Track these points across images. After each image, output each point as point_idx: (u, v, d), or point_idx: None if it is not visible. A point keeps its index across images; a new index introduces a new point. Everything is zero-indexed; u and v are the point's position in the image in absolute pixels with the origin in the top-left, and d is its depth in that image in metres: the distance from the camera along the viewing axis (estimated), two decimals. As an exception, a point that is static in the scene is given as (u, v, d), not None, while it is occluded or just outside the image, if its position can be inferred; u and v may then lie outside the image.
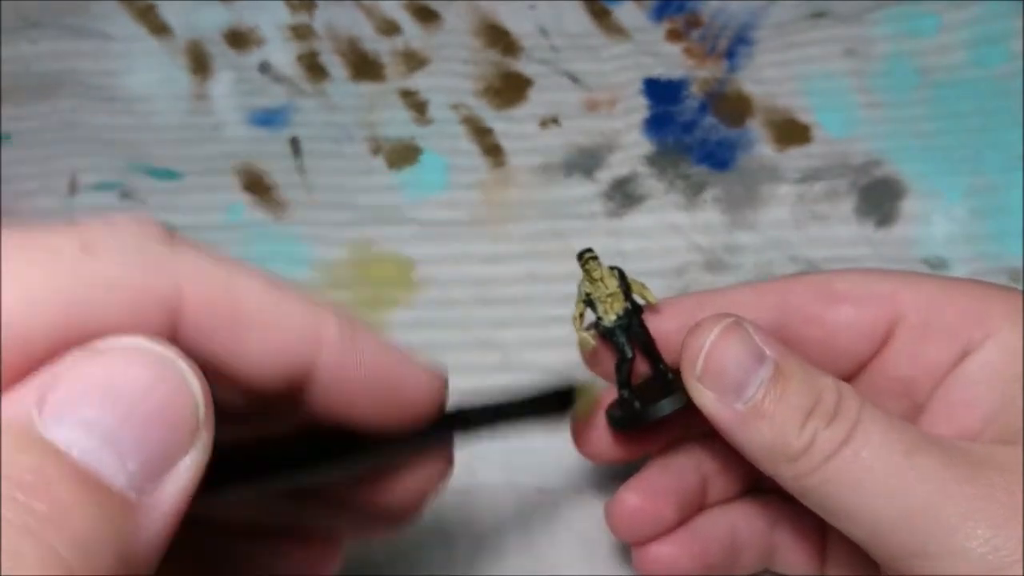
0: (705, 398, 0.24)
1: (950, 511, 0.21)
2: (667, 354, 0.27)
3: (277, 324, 0.17)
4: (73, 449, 0.14)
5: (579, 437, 0.28)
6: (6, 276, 0.14)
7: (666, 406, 0.25)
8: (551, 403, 0.25)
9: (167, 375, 0.15)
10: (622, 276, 0.27)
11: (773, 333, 0.25)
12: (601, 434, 0.28)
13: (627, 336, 0.27)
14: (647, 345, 0.27)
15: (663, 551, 0.27)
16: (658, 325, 0.27)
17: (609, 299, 0.27)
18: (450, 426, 0.23)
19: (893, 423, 0.22)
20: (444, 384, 0.21)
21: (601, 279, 0.27)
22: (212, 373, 0.16)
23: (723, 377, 0.24)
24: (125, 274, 0.15)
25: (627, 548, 0.31)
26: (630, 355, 0.27)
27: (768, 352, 0.23)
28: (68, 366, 0.14)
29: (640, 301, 0.27)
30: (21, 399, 0.14)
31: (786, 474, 0.23)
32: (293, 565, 0.23)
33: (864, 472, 0.22)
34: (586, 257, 0.27)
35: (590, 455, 0.29)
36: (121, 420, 0.14)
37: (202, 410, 0.15)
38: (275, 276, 0.18)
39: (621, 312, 0.27)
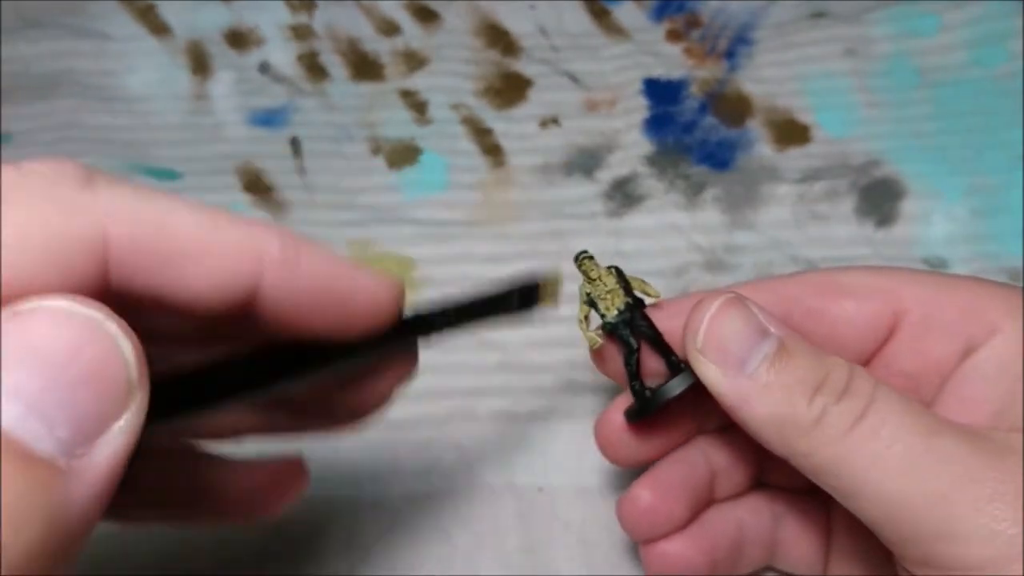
0: (708, 371, 0.24)
1: (977, 493, 0.21)
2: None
3: (213, 250, 0.17)
4: (3, 422, 0.13)
5: (603, 441, 0.28)
6: None
7: (675, 386, 0.26)
8: (515, 299, 0.25)
9: (95, 336, 0.14)
10: (620, 273, 0.28)
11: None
12: (624, 436, 0.28)
13: (631, 330, 0.27)
14: (655, 338, 0.27)
15: (673, 548, 0.27)
16: (662, 322, 0.27)
17: (609, 295, 0.27)
18: (411, 330, 0.22)
19: (912, 405, 0.22)
20: (400, 290, 0.21)
21: (599, 278, 0.28)
22: (153, 306, 0.16)
23: (725, 349, 0.24)
24: (40, 222, 0.15)
25: (627, 548, 0.31)
26: (635, 346, 0.27)
27: (772, 329, 0.24)
28: None
29: (641, 296, 0.28)
30: None
31: (799, 449, 0.23)
32: (260, 481, 0.23)
33: (884, 450, 0.22)
34: (581, 258, 0.28)
35: (615, 459, 0.29)
36: (47, 386, 0.14)
37: (135, 371, 0.15)
38: (215, 207, 0.17)
39: (622, 307, 0.27)
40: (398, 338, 0.22)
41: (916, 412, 0.22)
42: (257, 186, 0.40)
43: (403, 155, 0.41)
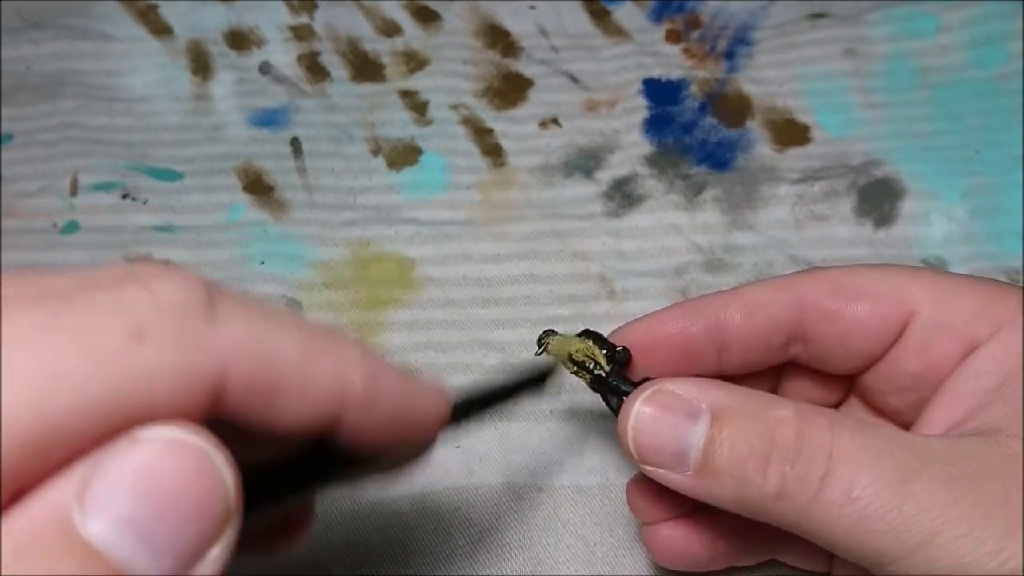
0: (655, 475, 0.24)
1: (956, 533, 0.21)
2: (672, 352, 0.27)
3: (310, 387, 0.17)
4: (112, 551, 0.14)
5: (633, 507, 0.29)
6: (55, 371, 0.14)
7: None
8: (533, 381, 0.27)
9: (203, 468, 0.15)
10: (588, 334, 0.28)
11: (718, 374, 0.25)
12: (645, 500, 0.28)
13: (612, 387, 0.27)
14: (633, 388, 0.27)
15: (675, 534, 0.27)
16: (663, 327, 0.27)
17: (575, 375, 0.28)
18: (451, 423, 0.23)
19: (878, 444, 0.22)
20: (448, 403, 0.22)
21: (565, 355, 0.28)
22: (246, 432, 0.17)
23: (660, 452, 0.23)
24: (172, 362, 0.15)
25: (627, 548, 0.31)
26: (614, 408, 0.27)
27: (702, 402, 0.23)
28: (108, 458, 0.14)
29: (595, 367, 0.27)
30: (62, 491, 0.14)
31: (772, 519, 0.23)
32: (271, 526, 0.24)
33: (861, 511, 0.21)
34: (544, 343, 0.28)
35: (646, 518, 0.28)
36: (158, 518, 0.14)
37: (233, 500, 0.15)
38: (306, 322, 0.18)
39: (589, 381, 0.27)
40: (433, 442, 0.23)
41: (886, 453, 0.22)
42: (257, 186, 0.40)
43: (403, 155, 0.41)
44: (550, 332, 0.28)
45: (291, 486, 0.20)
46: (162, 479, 0.15)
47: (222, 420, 0.16)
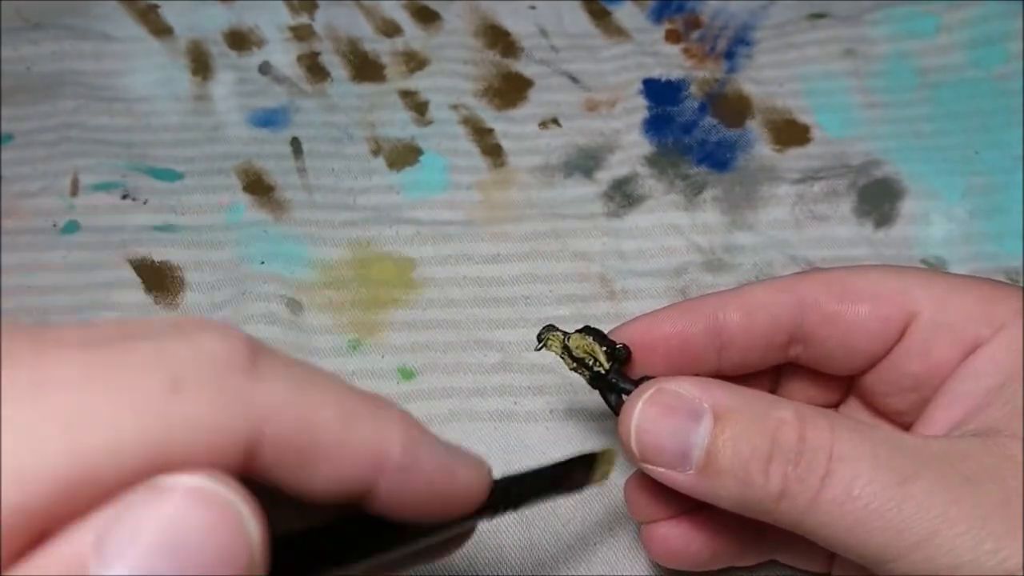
0: (656, 474, 0.24)
1: (955, 532, 0.21)
2: (671, 351, 0.27)
3: (347, 451, 0.17)
4: None
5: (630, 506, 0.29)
6: (89, 414, 0.14)
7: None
8: (576, 472, 0.25)
9: (227, 519, 0.14)
10: (589, 330, 0.28)
11: (718, 375, 0.25)
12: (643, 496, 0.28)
13: (612, 385, 0.27)
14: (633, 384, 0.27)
15: (674, 532, 0.27)
16: (663, 327, 0.27)
17: (585, 356, 0.28)
18: (491, 508, 0.22)
19: (878, 444, 0.22)
20: (489, 474, 0.21)
21: (564, 353, 0.28)
22: (280, 496, 0.16)
23: (662, 451, 0.23)
24: (209, 415, 0.15)
25: (626, 548, 0.31)
26: (614, 406, 0.27)
27: (704, 403, 0.23)
28: (128, 506, 0.14)
29: (595, 363, 0.27)
30: (80, 539, 0.14)
31: (773, 518, 0.23)
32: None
33: (859, 511, 0.21)
34: (544, 338, 0.28)
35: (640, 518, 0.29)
36: (180, 568, 0.14)
37: (258, 555, 0.15)
38: (346, 385, 0.18)
39: (588, 377, 0.27)
40: (479, 517, 0.22)
41: (885, 454, 0.22)
42: (257, 186, 0.40)
43: (403, 155, 0.41)
44: (550, 328, 0.28)
45: (323, 555, 0.19)
46: (183, 530, 0.14)
47: (256, 481, 0.16)
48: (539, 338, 0.28)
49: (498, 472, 0.22)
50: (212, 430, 0.15)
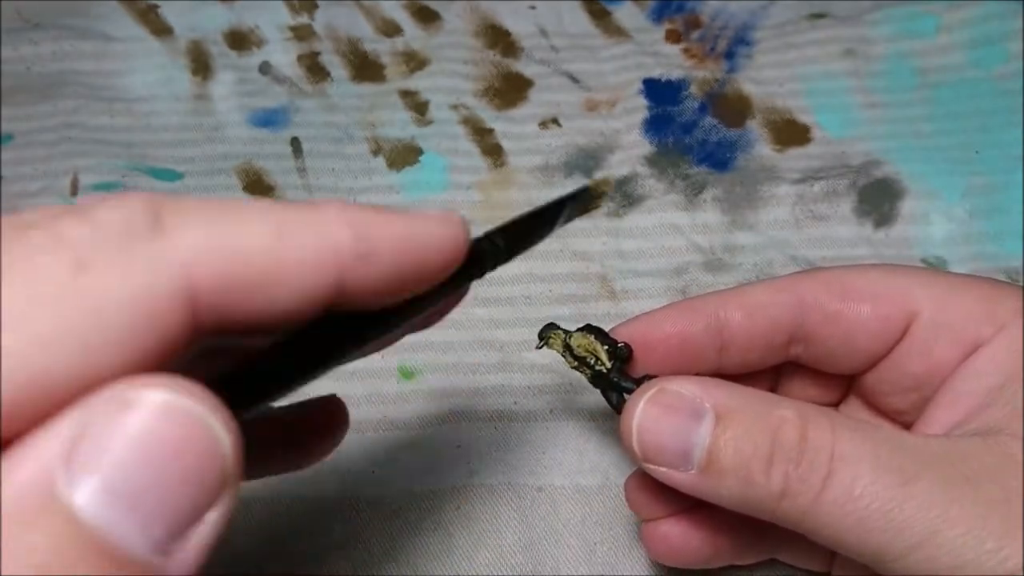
0: (658, 474, 0.24)
1: (955, 532, 0.21)
2: (671, 351, 0.27)
3: (292, 266, 0.16)
4: (97, 521, 0.13)
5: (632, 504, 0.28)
6: (7, 321, 0.13)
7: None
8: (569, 206, 0.24)
9: (198, 434, 0.14)
10: (591, 329, 0.28)
11: (718, 372, 0.24)
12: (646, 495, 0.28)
13: (614, 384, 0.27)
14: (636, 383, 0.26)
15: (674, 531, 0.27)
16: (663, 326, 0.27)
17: (587, 355, 0.27)
18: (476, 264, 0.22)
19: (879, 444, 0.22)
20: (462, 229, 0.20)
21: (565, 352, 0.28)
22: (233, 327, 0.16)
23: (664, 451, 0.23)
24: (125, 286, 0.14)
25: (626, 547, 0.31)
26: (615, 404, 0.27)
27: (706, 402, 0.23)
28: (97, 420, 0.14)
29: (619, 342, 0.27)
30: (46, 451, 0.13)
31: (775, 517, 0.23)
32: (302, 429, 0.23)
33: (861, 510, 0.21)
34: (545, 337, 0.28)
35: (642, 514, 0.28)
36: (148, 484, 0.14)
37: (231, 464, 0.15)
38: (272, 203, 0.17)
39: (590, 376, 0.27)
40: (464, 278, 0.21)
41: (886, 454, 0.22)
42: (257, 186, 0.40)
43: (403, 155, 0.41)
44: (552, 327, 0.28)
45: (310, 360, 0.18)
46: (154, 445, 0.14)
47: (215, 328, 0.16)
48: (540, 337, 0.28)
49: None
50: (134, 300, 0.14)
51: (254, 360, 0.17)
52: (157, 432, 0.14)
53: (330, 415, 0.25)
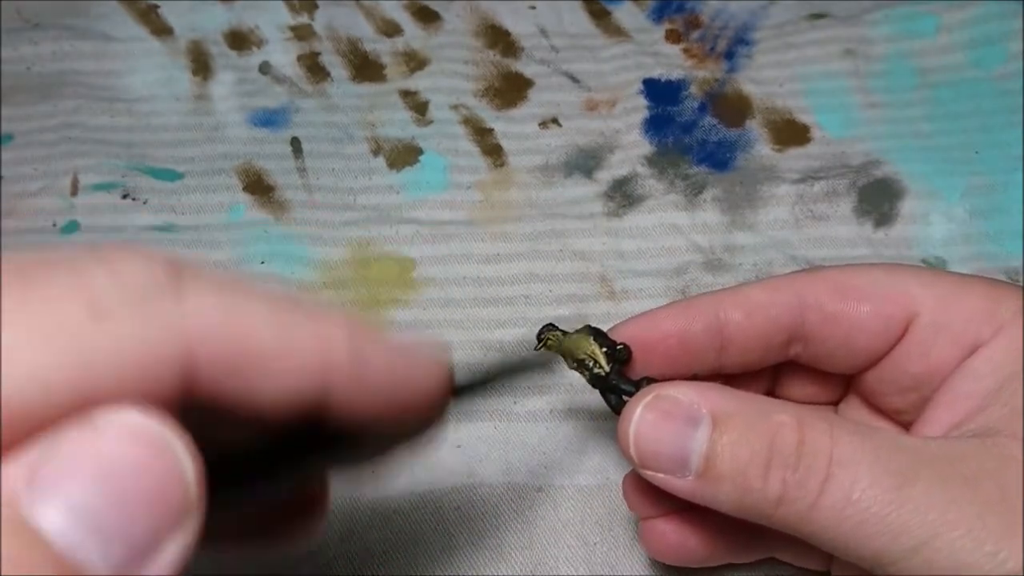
0: (656, 480, 0.24)
1: (954, 535, 0.21)
2: (670, 350, 0.27)
3: (287, 365, 0.17)
4: (58, 538, 0.13)
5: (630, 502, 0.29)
6: (10, 349, 0.14)
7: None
8: (533, 363, 0.26)
9: (160, 455, 0.14)
10: (590, 330, 0.28)
11: (718, 374, 0.24)
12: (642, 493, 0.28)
13: (614, 386, 0.27)
14: (636, 387, 0.27)
15: (671, 529, 0.27)
16: (662, 326, 0.27)
17: (575, 371, 0.28)
18: (453, 399, 0.22)
19: (878, 448, 0.22)
20: (450, 369, 0.21)
21: (565, 352, 0.28)
22: (220, 409, 0.16)
23: (661, 457, 0.23)
24: (134, 341, 0.15)
25: (626, 547, 0.31)
26: (614, 406, 0.27)
27: (702, 408, 0.23)
28: (61, 441, 0.14)
29: (595, 365, 0.27)
30: (11, 474, 0.14)
31: (773, 523, 0.23)
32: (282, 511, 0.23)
33: (860, 514, 0.21)
34: (544, 338, 0.28)
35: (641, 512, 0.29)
36: (110, 505, 0.14)
37: (193, 492, 0.15)
38: (282, 295, 0.17)
39: (588, 378, 0.27)
40: (438, 419, 0.22)
41: (884, 457, 0.22)
42: (258, 186, 0.40)
43: (403, 155, 0.41)
44: (550, 327, 0.28)
45: (282, 468, 0.19)
46: (116, 465, 0.14)
47: (201, 404, 0.16)
48: (539, 337, 0.28)
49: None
50: (139, 356, 0.15)
51: (234, 453, 0.17)
52: (119, 453, 0.14)
53: (312, 505, 0.24)
